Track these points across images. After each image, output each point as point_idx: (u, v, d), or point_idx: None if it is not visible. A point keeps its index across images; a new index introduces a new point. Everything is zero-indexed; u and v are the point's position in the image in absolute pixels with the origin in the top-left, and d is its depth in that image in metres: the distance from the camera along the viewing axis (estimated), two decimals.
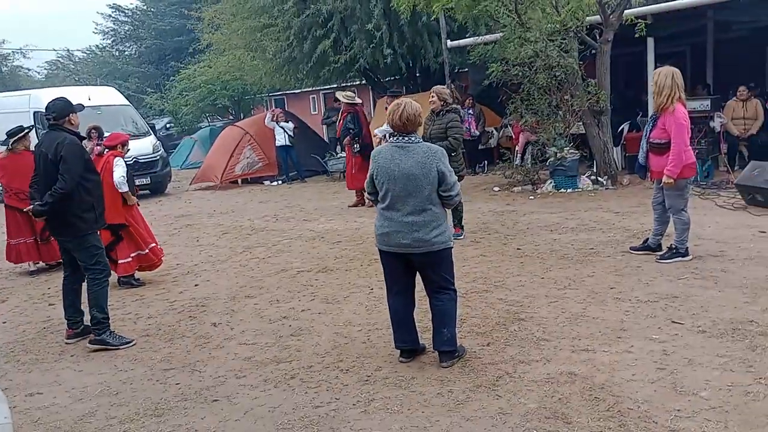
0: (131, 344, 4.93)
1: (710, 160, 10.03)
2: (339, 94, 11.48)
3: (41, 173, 4.98)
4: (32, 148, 7.76)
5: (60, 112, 4.98)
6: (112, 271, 6.46)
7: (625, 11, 9.92)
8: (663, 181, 5.69)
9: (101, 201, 5.14)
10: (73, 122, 5.02)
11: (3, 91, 21.69)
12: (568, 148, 10.22)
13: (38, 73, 44.30)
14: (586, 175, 10.45)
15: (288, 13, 14.35)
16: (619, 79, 13.41)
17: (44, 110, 5.47)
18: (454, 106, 7.23)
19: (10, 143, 7.46)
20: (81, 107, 5.57)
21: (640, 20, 9.56)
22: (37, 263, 7.92)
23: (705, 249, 6.10)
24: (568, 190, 10.04)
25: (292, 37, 14.49)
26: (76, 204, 4.86)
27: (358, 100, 11.23)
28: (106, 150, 6.63)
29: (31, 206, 4.98)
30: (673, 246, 5.88)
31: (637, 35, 9.43)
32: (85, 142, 5.84)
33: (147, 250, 6.72)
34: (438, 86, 7.35)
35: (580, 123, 10.53)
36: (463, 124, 12.91)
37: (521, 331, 4.48)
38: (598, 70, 10.23)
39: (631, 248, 6.31)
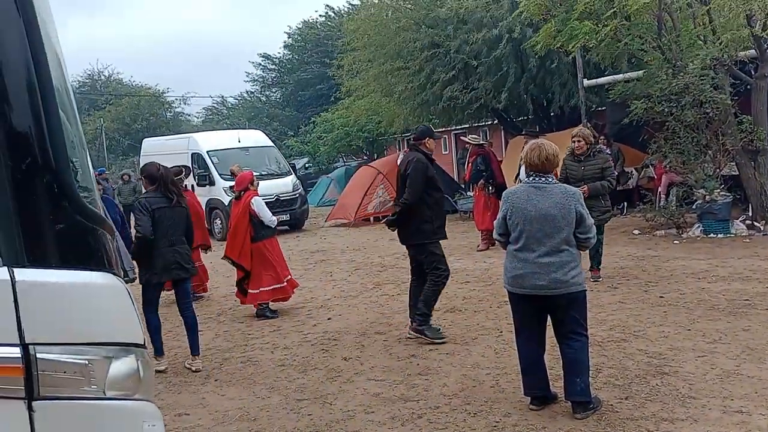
0: (443, 341, 5.46)
1: None
2: (466, 137, 11.66)
3: (398, 186, 5.82)
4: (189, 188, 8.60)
5: (419, 134, 5.84)
6: (266, 302, 6.94)
7: None
8: None
9: (440, 216, 5.73)
10: (428, 146, 5.73)
11: (167, 134, 24.16)
12: (718, 190, 9.51)
13: (197, 117, 48.91)
14: (740, 219, 9.63)
15: (419, 57, 14.75)
16: None
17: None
18: (599, 146, 7.20)
19: None
20: (438, 135, 6.23)
21: None
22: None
23: None
24: (719, 236, 9.29)
25: (423, 79, 14.85)
26: (417, 216, 5.55)
27: (484, 142, 11.42)
28: (242, 193, 7.03)
29: (386, 218, 5.97)
30: None
31: None
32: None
33: (284, 283, 7.06)
34: (581, 128, 7.43)
35: (733, 163, 9.79)
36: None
37: (664, 386, 4.17)
38: (754, 106, 9.49)
39: None
